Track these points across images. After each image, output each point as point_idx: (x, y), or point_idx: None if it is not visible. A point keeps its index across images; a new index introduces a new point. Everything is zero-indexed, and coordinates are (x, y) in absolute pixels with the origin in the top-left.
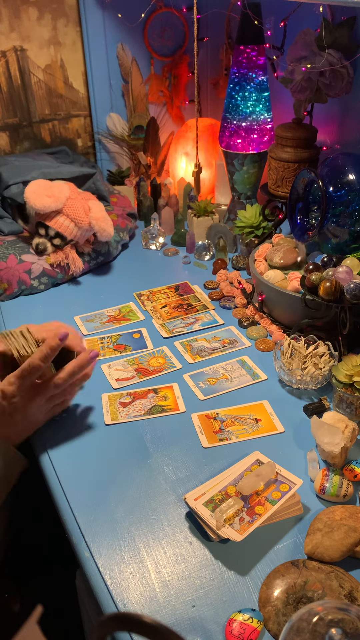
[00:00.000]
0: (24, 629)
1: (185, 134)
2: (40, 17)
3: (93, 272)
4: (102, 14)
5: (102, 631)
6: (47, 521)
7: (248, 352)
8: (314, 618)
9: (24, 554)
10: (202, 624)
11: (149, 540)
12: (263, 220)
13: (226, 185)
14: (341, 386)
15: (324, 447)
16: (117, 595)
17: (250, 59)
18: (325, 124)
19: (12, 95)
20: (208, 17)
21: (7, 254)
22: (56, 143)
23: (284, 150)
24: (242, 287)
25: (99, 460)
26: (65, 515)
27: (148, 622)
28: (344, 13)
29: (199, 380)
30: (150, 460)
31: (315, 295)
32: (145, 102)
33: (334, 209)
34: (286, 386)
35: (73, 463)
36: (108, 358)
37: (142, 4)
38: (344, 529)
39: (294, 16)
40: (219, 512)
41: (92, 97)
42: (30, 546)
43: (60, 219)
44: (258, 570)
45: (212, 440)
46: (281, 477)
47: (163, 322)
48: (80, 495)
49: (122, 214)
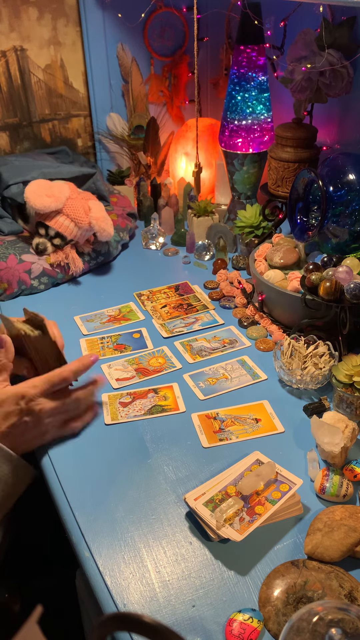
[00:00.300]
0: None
1: (185, 134)
2: (40, 17)
3: (93, 272)
4: (102, 14)
5: (102, 631)
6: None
7: (248, 352)
8: (314, 618)
9: (24, 554)
10: (202, 624)
11: (149, 540)
12: (263, 220)
13: (226, 185)
14: (341, 386)
15: (324, 447)
16: (117, 595)
17: (250, 59)
18: (325, 124)
19: (12, 95)
20: (208, 17)
21: (7, 254)
22: (56, 143)
23: (284, 150)
24: (242, 287)
25: (99, 460)
26: (65, 515)
27: (148, 622)
28: (344, 13)
29: (199, 380)
30: (150, 460)
31: (315, 295)
32: (145, 102)
33: (334, 209)
34: (286, 386)
35: (73, 463)
36: (108, 358)
37: (142, 4)
38: (344, 529)
39: (294, 16)
40: (219, 512)
41: (92, 97)
42: (30, 546)
43: (60, 219)
44: (258, 570)
45: (212, 440)
46: (281, 477)
47: (163, 322)
48: (80, 495)
49: (122, 214)
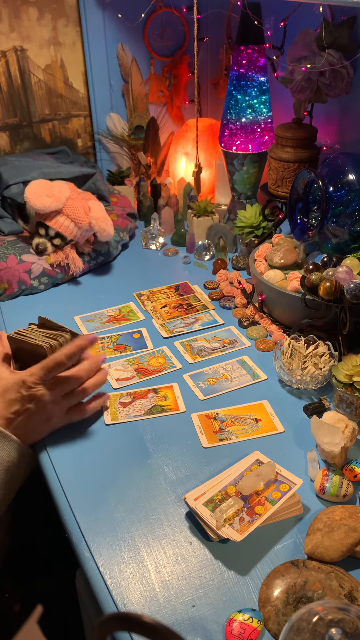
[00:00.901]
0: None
1: (185, 134)
2: (40, 17)
3: (93, 272)
4: (102, 14)
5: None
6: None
7: (248, 352)
8: (314, 618)
9: (24, 554)
10: (202, 624)
11: (149, 540)
12: (263, 220)
13: (226, 185)
14: (341, 386)
15: (324, 447)
16: (117, 595)
17: (250, 59)
18: (325, 124)
19: (12, 95)
20: (208, 17)
21: (7, 254)
22: (56, 143)
23: (284, 150)
24: (242, 287)
25: (99, 460)
26: (65, 515)
27: (148, 622)
28: (344, 13)
29: (199, 380)
30: (150, 460)
31: (315, 295)
32: (145, 102)
33: (334, 209)
34: (286, 386)
35: (73, 463)
36: (108, 358)
37: (142, 4)
38: (344, 529)
39: (294, 16)
40: (219, 512)
41: (92, 97)
42: (31, 546)
43: (60, 219)
44: (258, 570)
45: (212, 440)
46: (281, 477)
47: (163, 322)
48: (80, 495)
49: (122, 214)
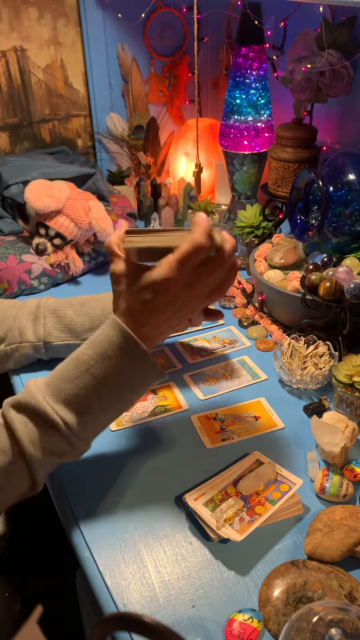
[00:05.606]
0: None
1: (185, 134)
2: (40, 17)
3: (93, 272)
4: (102, 14)
5: (102, 631)
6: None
7: (248, 352)
8: (314, 618)
9: (24, 553)
10: (202, 624)
11: (149, 540)
12: (263, 220)
13: (226, 185)
14: (341, 386)
15: (324, 447)
16: (117, 595)
17: (250, 59)
18: (325, 124)
19: (12, 95)
20: (208, 17)
21: (7, 254)
22: (56, 143)
23: (284, 150)
24: (242, 287)
25: (98, 459)
26: (65, 515)
27: (148, 622)
28: (344, 13)
29: (199, 380)
30: (150, 460)
31: (315, 295)
32: (145, 102)
33: (334, 209)
34: (286, 386)
35: (73, 463)
36: None
37: (142, 4)
38: (344, 529)
39: (294, 16)
40: (219, 512)
41: (92, 97)
42: (31, 546)
43: (60, 219)
44: (258, 570)
45: (215, 441)
46: (281, 477)
47: None
48: (81, 495)
49: (122, 214)
